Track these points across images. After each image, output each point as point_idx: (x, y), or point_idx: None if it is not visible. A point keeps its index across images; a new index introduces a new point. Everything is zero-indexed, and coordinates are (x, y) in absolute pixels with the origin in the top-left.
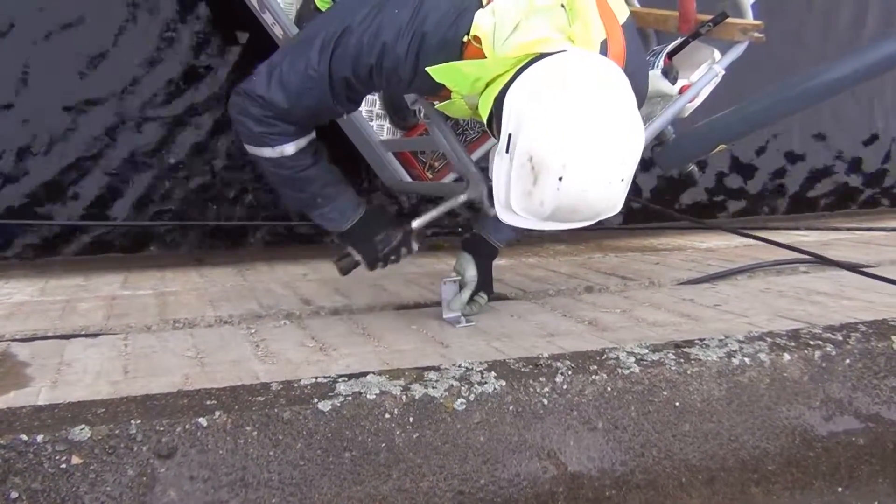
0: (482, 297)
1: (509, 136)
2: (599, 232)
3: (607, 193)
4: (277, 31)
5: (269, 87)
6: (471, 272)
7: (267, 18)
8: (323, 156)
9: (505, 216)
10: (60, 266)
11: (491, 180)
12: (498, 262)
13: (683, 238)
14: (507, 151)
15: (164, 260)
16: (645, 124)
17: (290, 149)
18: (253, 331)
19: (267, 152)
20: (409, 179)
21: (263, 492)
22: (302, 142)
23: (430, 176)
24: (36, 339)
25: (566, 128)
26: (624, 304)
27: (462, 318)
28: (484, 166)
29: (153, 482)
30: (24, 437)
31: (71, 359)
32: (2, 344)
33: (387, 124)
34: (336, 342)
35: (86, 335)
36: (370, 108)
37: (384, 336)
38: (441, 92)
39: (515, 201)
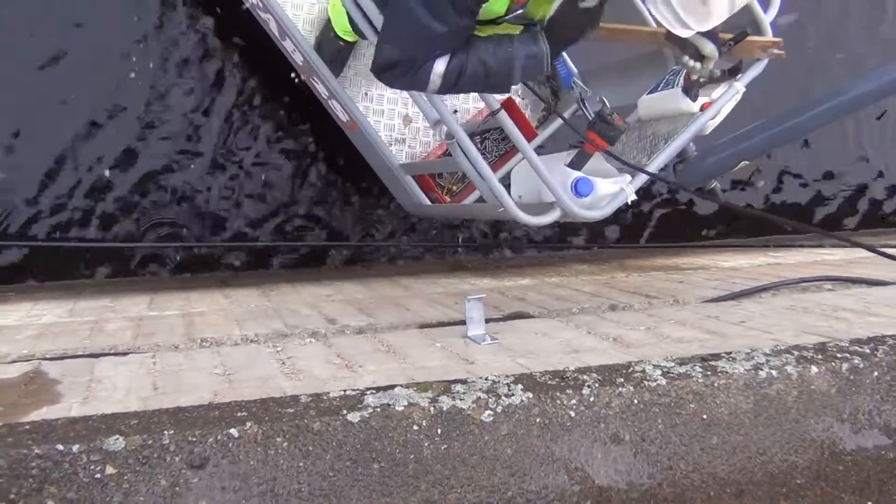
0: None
1: None
2: (621, 252)
3: None
4: (298, 58)
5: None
6: None
7: (287, 45)
8: (474, 47)
9: None
10: (88, 288)
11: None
12: (520, 282)
13: (706, 257)
14: None
15: (188, 282)
16: (667, 142)
17: (439, 66)
18: (279, 349)
19: (434, 77)
20: (429, 203)
21: (294, 502)
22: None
23: (449, 200)
24: (66, 357)
25: None
26: (648, 321)
27: (486, 335)
28: (507, 184)
29: (185, 492)
30: (61, 447)
31: (101, 376)
32: (33, 363)
33: (405, 148)
34: (362, 359)
35: (115, 354)
36: (389, 132)
37: (409, 353)
38: None
39: None
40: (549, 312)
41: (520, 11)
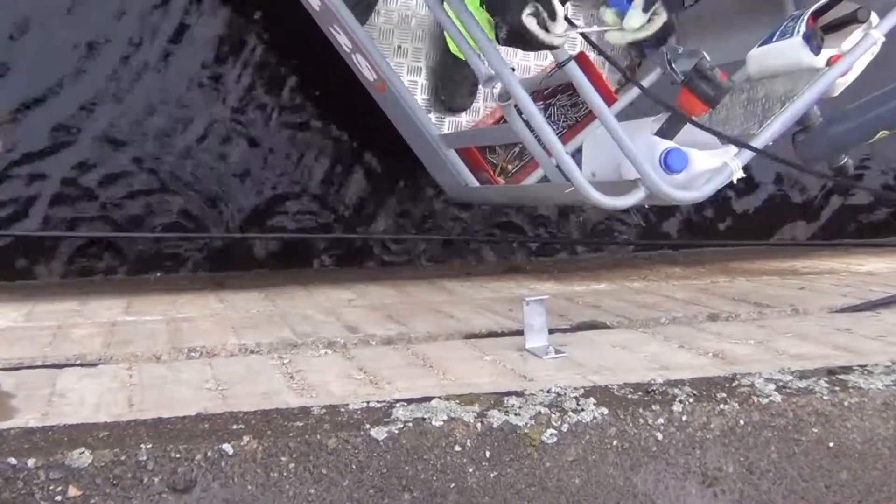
0: (661, 13)
1: None
2: (723, 253)
3: None
4: (314, 2)
5: None
6: None
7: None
8: None
9: None
10: (49, 290)
11: None
12: (594, 287)
13: (835, 259)
14: None
15: (174, 283)
16: (783, 105)
17: None
18: (286, 361)
19: None
20: (477, 184)
21: None
22: None
23: (503, 180)
24: (22, 367)
25: None
26: (759, 334)
27: (549, 347)
28: (577, 161)
29: None
30: (13, 461)
31: (64, 389)
32: None
33: (448, 115)
34: (390, 374)
35: (82, 364)
36: (427, 95)
37: (451, 368)
38: None
39: None
40: (631, 322)
41: None
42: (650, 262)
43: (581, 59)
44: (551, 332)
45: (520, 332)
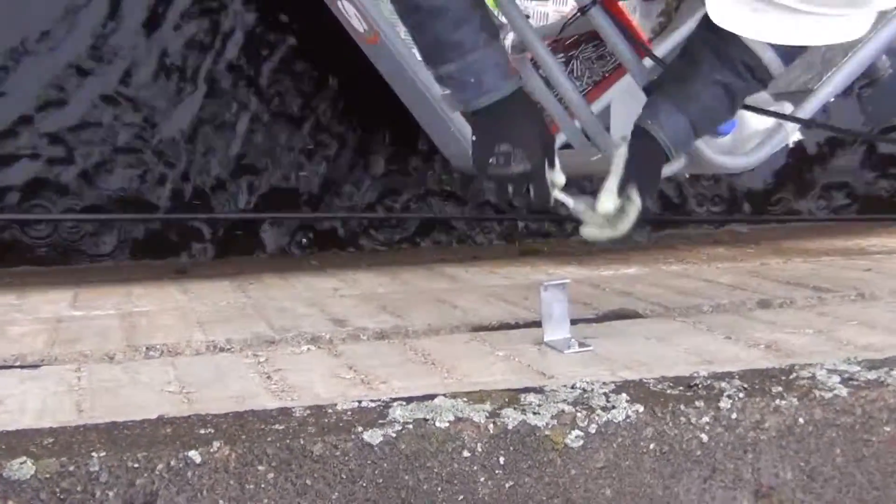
0: (634, 199)
1: None
2: (775, 231)
3: None
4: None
5: None
6: (620, 151)
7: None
8: None
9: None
10: None
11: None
12: (623, 271)
13: None
14: None
15: (129, 273)
16: (847, 53)
17: None
18: (262, 359)
19: None
20: None
21: None
22: None
23: None
24: None
25: None
26: (819, 322)
27: (572, 340)
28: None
29: None
30: None
31: (1, 395)
32: None
33: None
34: (385, 373)
35: (21, 366)
36: None
37: (457, 365)
38: None
39: None
40: (668, 311)
41: None
42: (688, 242)
43: (607, 2)
44: (574, 322)
45: (537, 324)
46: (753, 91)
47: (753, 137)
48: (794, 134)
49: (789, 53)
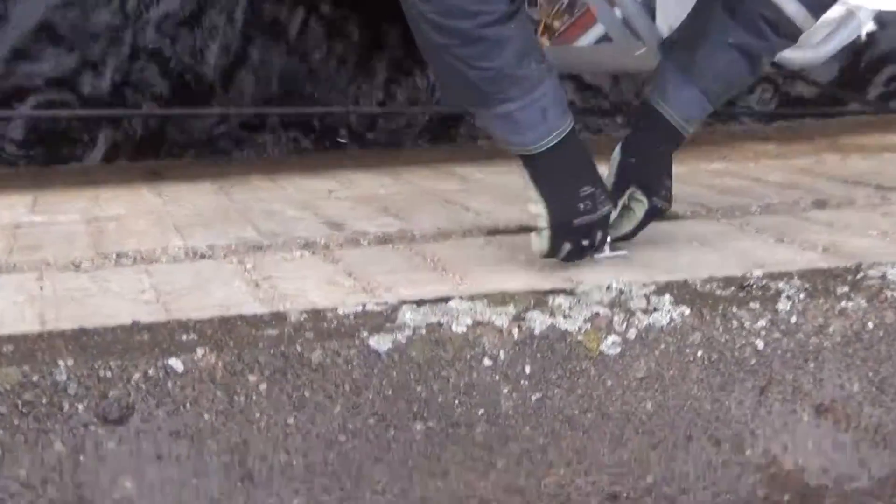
0: (640, 200)
1: None
2: (831, 126)
3: None
4: None
5: None
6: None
7: None
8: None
9: None
10: None
11: None
12: None
13: None
14: None
15: (96, 174)
16: None
17: None
18: (249, 266)
19: None
20: None
21: (278, 485)
22: None
23: (548, 43)
24: None
25: None
26: (883, 223)
27: (606, 245)
28: None
29: (94, 463)
30: None
31: None
32: None
33: None
34: (389, 280)
35: None
36: None
37: (470, 270)
38: None
39: None
40: (711, 212)
41: None
42: (731, 138)
43: None
44: None
45: None
46: (781, 48)
47: (822, 28)
48: (867, 24)
49: (819, 2)
